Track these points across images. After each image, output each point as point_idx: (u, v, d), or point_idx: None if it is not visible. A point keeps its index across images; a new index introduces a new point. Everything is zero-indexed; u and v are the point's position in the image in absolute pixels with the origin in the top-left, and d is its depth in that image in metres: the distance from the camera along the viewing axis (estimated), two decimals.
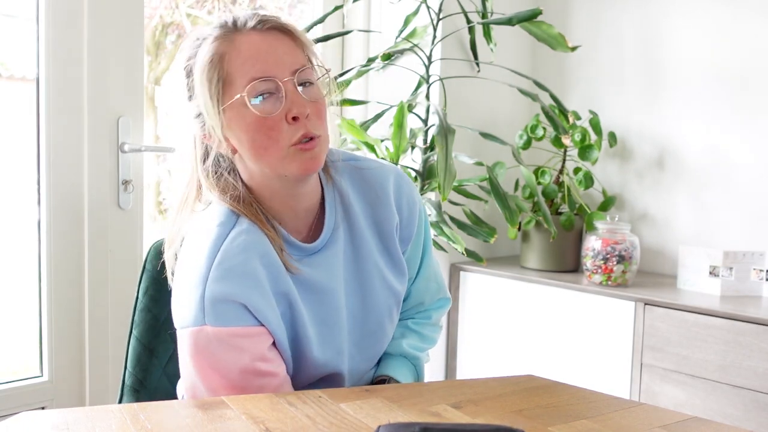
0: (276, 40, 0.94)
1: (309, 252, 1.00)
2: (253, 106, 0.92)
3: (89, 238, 1.69)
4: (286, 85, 0.92)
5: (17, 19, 1.70)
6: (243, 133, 0.94)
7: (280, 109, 0.92)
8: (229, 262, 0.92)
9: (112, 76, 1.70)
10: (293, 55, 0.94)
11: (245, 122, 0.93)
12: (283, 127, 0.92)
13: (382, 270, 1.07)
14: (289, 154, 0.93)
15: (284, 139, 0.92)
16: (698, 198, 2.18)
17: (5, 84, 1.79)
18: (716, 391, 1.74)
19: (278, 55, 0.93)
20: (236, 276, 0.91)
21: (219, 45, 0.94)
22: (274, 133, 0.92)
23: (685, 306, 1.80)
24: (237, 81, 0.92)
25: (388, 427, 0.74)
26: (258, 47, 0.93)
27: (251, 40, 0.93)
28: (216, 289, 0.90)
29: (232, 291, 0.90)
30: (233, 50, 0.93)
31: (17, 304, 1.76)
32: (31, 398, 1.65)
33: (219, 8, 2.33)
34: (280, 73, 0.93)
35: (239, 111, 0.93)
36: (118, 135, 1.72)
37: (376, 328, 1.07)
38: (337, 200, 1.05)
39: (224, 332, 0.90)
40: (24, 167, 1.68)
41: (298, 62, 0.94)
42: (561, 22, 2.47)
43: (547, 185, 2.23)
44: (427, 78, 2.13)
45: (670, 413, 0.88)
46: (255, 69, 0.92)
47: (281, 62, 0.93)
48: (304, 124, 0.92)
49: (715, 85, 2.13)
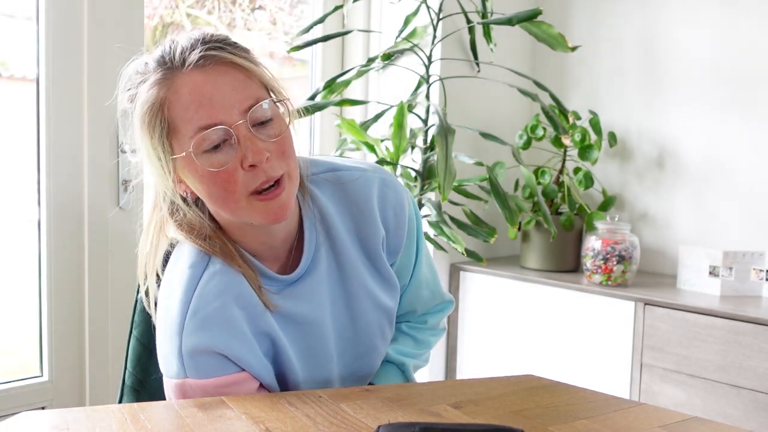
0: (221, 76, 0.84)
1: (289, 282, 0.94)
2: (201, 160, 0.84)
3: (89, 238, 1.69)
4: (237, 129, 0.83)
5: (17, 19, 1.70)
6: (198, 184, 0.86)
7: (234, 158, 0.83)
8: (204, 311, 0.87)
9: (113, 76, 1.70)
10: (243, 91, 0.85)
11: (198, 174, 0.85)
12: (239, 176, 0.84)
13: (371, 289, 1.00)
14: (249, 205, 0.86)
15: (242, 189, 0.84)
16: (698, 198, 2.18)
17: (5, 84, 1.79)
18: (716, 391, 1.74)
19: (225, 95, 0.83)
20: (213, 325, 0.87)
21: (158, 90, 0.84)
22: (230, 185, 0.84)
23: (685, 306, 1.80)
24: (182, 130, 0.84)
25: (388, 427, 0.74)
26: (201, 90, 0.83)
27: (193, 82, 0.83)
28: (192, 341, 0.86)
29: (210, 342, 0.86)
30: (173, 95, 0.84)
31: (17, 304, 1.76)
32: (31, 398, 1.65)
33: (219, 8, 2.33)
34: (229, 116, 0.83)
35: (189, 162, 0.85)
36: (118, 135, 1.72)
37: (367, 349, 1.03)
38: (316, 219, 0.97)
39: (209, 384, 0.88)
40: (24, 167, 1.68)
41: (251, 97, 0.85)
42: (561, 22, 2.47)
43: (547, 185, 2.23)
44: (427, 78, 2.13)
45: (670, 413, 0.88)
46: (199, 116, 0.83)
47: (229, 103, 0.83)
48: (263, 169, 0.84)
49: (715, 85, 2.13)
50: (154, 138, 0.85)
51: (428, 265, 1.12)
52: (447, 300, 1.17)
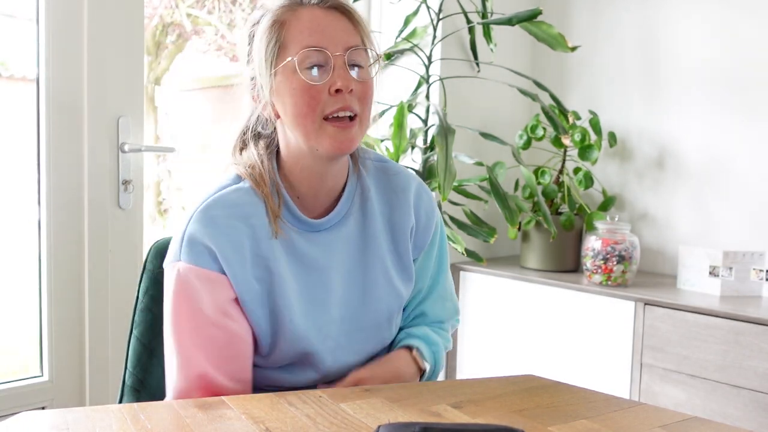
0: (336, 19, 0.98)
1: (312, 228, 1.02)
2: (300, 72, 0.96)
3: (89, 238, 1.69)
4: (336, 59, 0.96)
5: (17, 19, 1.70)
6: (287, 97, 0.97)
7: (325, 80, 0.96)
8: (213, 211, 0.97)
9: (112, 76, 1.70)
10: (349, 35, 0.98)
11: (291, 87, 0.96)
12: (324, 97, 0.96)
13: (388, 269, 1.07)
14: (321, 128, 0.96)
15: (321, 109, 0.96)
16: (698, 198, 2.18)
17: (5, 84, 1.79)
18: (716, 391, 1.74)
19: (334, 31, 0.97)
20: (214, 224, 0.96)
21: (281, 13, 0.99)
22: (314, 102, 0.95)
23: (685, 306, 1.80)
24: (291, 47, 0.97)
25: (388, 427, 0.74)
26: (317, 20, 0.97)
27: (312, 14, 0.98)
28: (194, 228, 0.96)
29: (206, 234, 0.95)
30: (294, 19, 0.98)
31: (17, 304, 1.76)
32: (31, 398, 1.65)
33: (219, 8, 2.33)
34: (333, 47, 0.96)
35: (288, 76, 0.97)
36: (118, 135, 1.72)
37: (371, 324, 1.07)
38: (357, 191, 1.07)
39: (191, 270, 0.95)
40: (24, 167, 1.68)
41: (353, 41, 0.98)
42: (561, 22, 2.47)
43: (547, 185, 2.23)
44: (427, 78, 2.13)
45: (670, 413, 0.88)
46: (310, 39, 0.96)
47: (336, 38, 0.97)
48: (345, 98, 0.96)
49: (715, 85, 2.13)
50: (267, 50, 0.98)
51: (450, 281, 1.20)
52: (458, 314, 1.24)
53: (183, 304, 0.95)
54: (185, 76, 2.45)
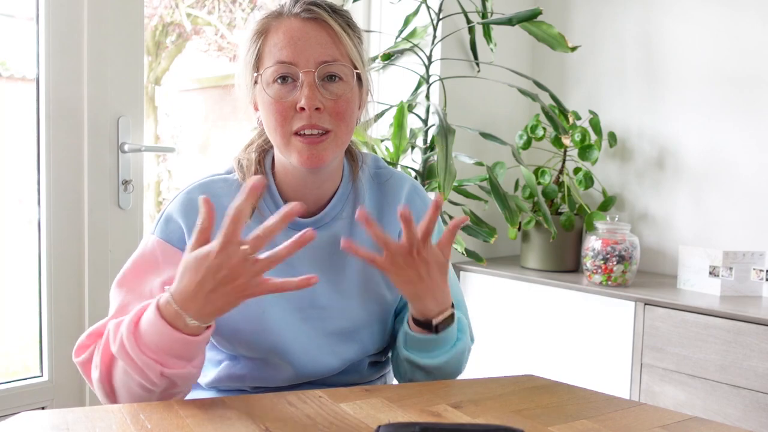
0: (313, 30, 0.97)
1: (296, 226, 1.00)
2: (269, 86, 0.97)
3: (89, 238, 1.69)
4: (306, 75, 0.95)
5: (17, 18, 1.70)
6: (262, 109, 0.99)
7: (292, 97, 0.96)
8: (194, 194, 1.00)
9: (112, 76, 1.70)
10: (324, 48, 0.96)
11: (263, 101, 0.98)
12: (291, 113, 0.96)
13: (373, 275, 1.05)
14: (291, 142, 0.97)
15: (289, 125, 0.96)
16: (698, 198, 2.18)
17: (5, 84, 1.79)
18: (716, 391, 1.74)
19: (307, 45, 0.96)
20: (192, 206, 0.98)
21: (264, 23, 0.99)
22: (281, 117, 0.96)
23: (685, 306, 1.80)
24: (266, 59, 0.98)
25: (388, 427, 0.74)
26: (291, 33, 0.97)
27: (289, 25, 0.97)
28: (173, 207, 1.01)
29: (182, 214, 0.99)
30: (272, 30, 0.98)
31: (17, 304, 1.76)
32: (31, 398, 1.65)
33: (219, 8, 2.33)
34: (304, 62, 0.95)
35: (262, 88, 0.98)
36: (118, 135, 1.72)
37: (349, 328, 1.04)
38: (350, 197, 1.07)
39: (159, 244, 0.98)
40: (24, 167, 1.68)
41: (328, 55, 0.96)
42: (561, 22, 2.47)
43: (547, 185, 2.23)
44: (427, 78, 2.13)
45: (669, 413, 0.88)
46: (281, 53, 0.96)
47: (308, 52, 0.96)
48: (311, 115, 0.95)
49: (715, 85, 2.13)
50: (247, 60, 1.00)
51: (457, 289, 1.13)
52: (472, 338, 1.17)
53: (138, 267, 0.98)
54: (185, 76, 2.45)
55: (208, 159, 2.47)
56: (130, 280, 0.98)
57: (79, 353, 0.95)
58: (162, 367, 0.85)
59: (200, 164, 2.47)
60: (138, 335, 0.85)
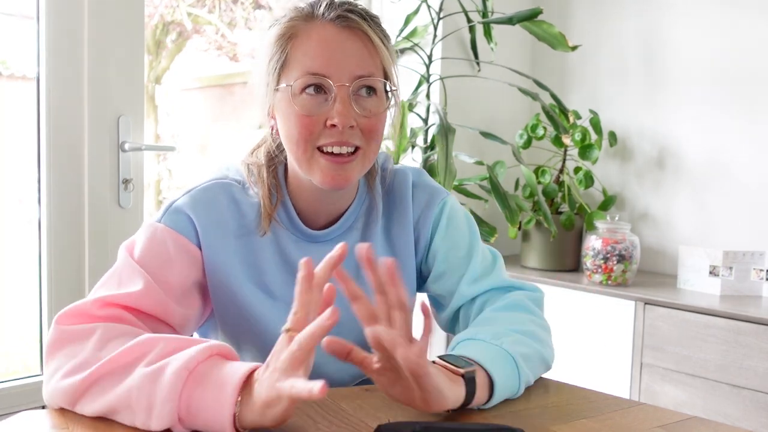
0: (349, 40, 0.89)
1: (309, 238, 0.97)
2: (298, 98, 0.89)
3: (89, 237, 1.69)
4: (340, 90, 0.87)
5: (17, 17, 1.70)
6: (284, 120, 0.91)
7: (323, 111, 0.88)
8: (207, 194, 0.94)
9: (113, 75, 1.70)
10: (361, 61, 0.89)
11: (287, 110, 0.90)
12: (319, 129, 0.89)
13: None
14: (313, 158, 0.90)
15: (314, 139, 0.89)
16: (698, 198, 2.18)
17: (6, 83, 1.79)
18: (716, 391, 1.74)
19: (343, 56, 0.88)
20: (203, 203, 0.92)
21: (292, 25, 0.90)
22: (307, 132, 0.89)
23: (685, 306, 1.80)
24: (294, 68, 0.89)
25: (388, 427, 0.74)
26: (326, 41, 0.88)
27: (324, 31, 0.89)
28: (182, 201, 0.93)
29: (192, 208, 0.92)
30: (303, 35, 0.89)
31: (17, 304, 1.76)
32: (31, 398, 1.65)
33: (220, 7, 2.33)
34: (338, 76, 0.87)
35: (287, 98, 0.90)
36: (119, 134, 1.72)
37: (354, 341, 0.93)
38: (363, 209, 1.02)
39: (169, 233, 0.90)
40: (24, 166, 1.68)
41: (364, 69, 0.89)
42: (561, 22, 2.47)
43: (548, 185, 2.23)
44: (428, 77, 2.13)
45: (669, 413, 0.88)
46: (313, 63, 0.88)
47: (343, 65, 0.88)
48: (343, 132, 0.88)
49: (715, 84, 2.13)
50: (270, 64, 0.91)
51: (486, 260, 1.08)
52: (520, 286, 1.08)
53: (149, 252, 0.89)
54: (186, 75, 2.45)
55: (209, 158, 2.47)
56: (147, 262, 0.89)
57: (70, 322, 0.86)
58: (177, 423, 0.71)
59: (200, 163, 2.47)
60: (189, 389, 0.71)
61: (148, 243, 0.90)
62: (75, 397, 0.76)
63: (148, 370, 0.73)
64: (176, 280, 0.90)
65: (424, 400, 0.77)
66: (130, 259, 0.89)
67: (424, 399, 0.77)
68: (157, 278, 0.88)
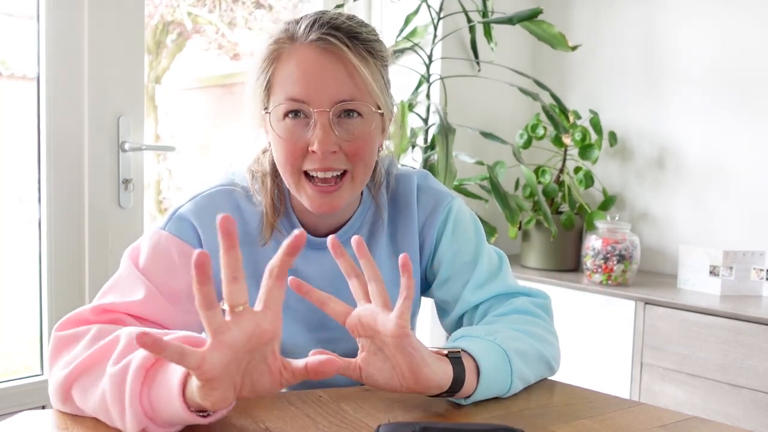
0: (330, 63, 0.87)
1: (311, 246, 0.97)
2: (275, 125, 0.89)
3: (90, 237, 1.69)
4: (320, 116, 0.86)
5: (18, 17, 1.70)
6: (272, 141, 0.92)
7: (304, 136, 0.88)
8: (210, 200, 0.95)
9: (113, 75, 1.70)
10: (343, 84, 0.87)
11: (273, 134, 0.91)
12: (302, 153, 0.89)
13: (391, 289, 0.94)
14: (301, 183, 0.90)
15: (299, 164, 0.89)
16: (698, 198, 2.18)
17: (6, 83, 1.79)
18: (716, 390, 1.74)
19: (324, 80, 0.86)
20: (207, 210, 0.93)
21: (276, 49, 0.89)
22: (291, 157, 0.89)
23: (685, 305, 1.80)
24: (277, 91, 0.89)
25: (388, 427, 0.74)
26: (306, 65, 0.87)
27: (304, 56, 0.87)
28: (186, 208, 0.94)
29: (196, 215, 0.93)
30: (285, 56, 0.88)
31: (17, 304, 1.76)
32: (31, 398, 1.65)
33: (220, 7, 2.33)
34: (318, 100, 0.86)
35: (273, 120, 0.90)
36: (119, 134, 1.72)
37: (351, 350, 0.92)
38: (368, 217, 1.01)
39: (173, 241, 0.91)
40: (24, 166, 1.68)
41: (345, 93, 0.87)
42: (561, 22, 2.47)
43: (548, 184, 2.23)
44: (428, 77, 2.13)
45: (669, 413, 0.88)
46: (293, 89, 0.87)
47: (323, 89, 0.86)
48: (324, 158, 0.87)
49: (715, 85, 2.13)
50: (257, 87, 0.92)
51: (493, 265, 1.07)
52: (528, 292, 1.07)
53: (153, 261, 0.90)
54: (186, 75, 2.45)
55: (209, 158, 2.47)
56: (151, 271, 0.90)
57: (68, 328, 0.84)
58: (149, 422, 0.71)
59: (200, 163, 2.47)
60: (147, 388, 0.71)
61: (153, 251, 0.91)
62: (63, 393, 0.77)
63: (114, 369, 0.73)
64: (180, 287, 0.90)
65: (412, 372, 0.77)
66: (132, 268, 0.91)
67: (412, 371, 0.77)
68: (160, 287, 0.89)
